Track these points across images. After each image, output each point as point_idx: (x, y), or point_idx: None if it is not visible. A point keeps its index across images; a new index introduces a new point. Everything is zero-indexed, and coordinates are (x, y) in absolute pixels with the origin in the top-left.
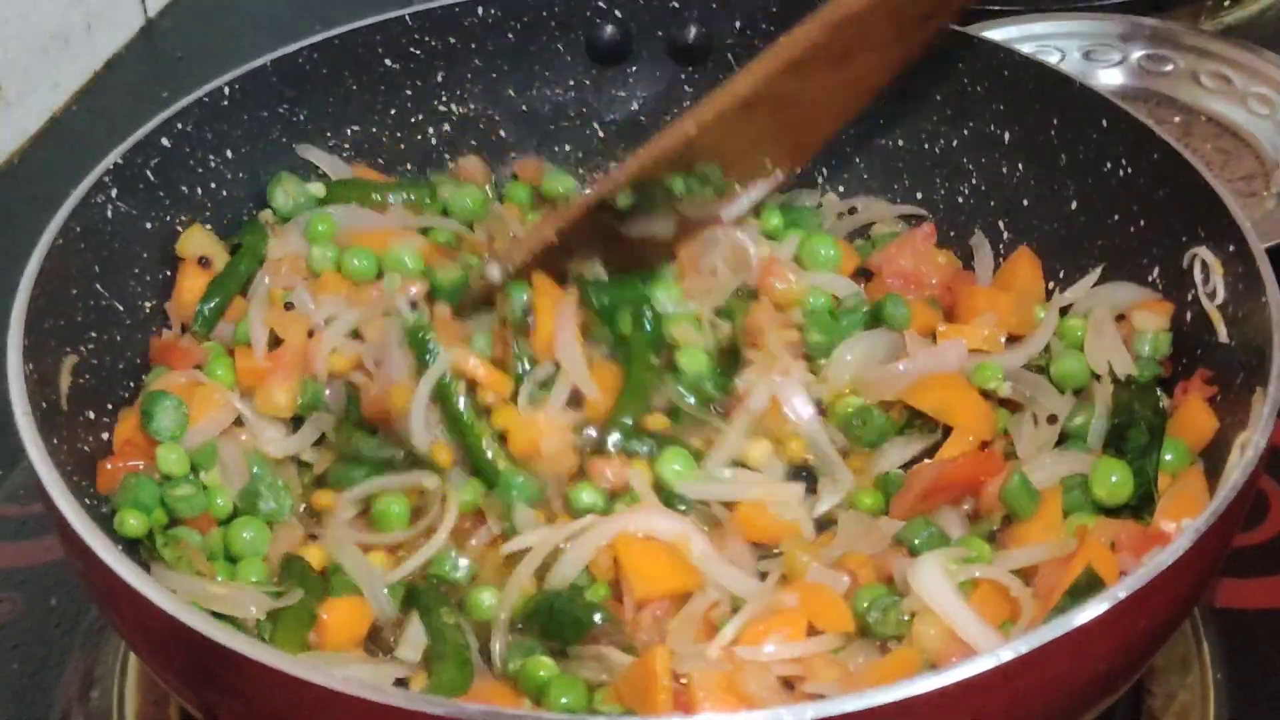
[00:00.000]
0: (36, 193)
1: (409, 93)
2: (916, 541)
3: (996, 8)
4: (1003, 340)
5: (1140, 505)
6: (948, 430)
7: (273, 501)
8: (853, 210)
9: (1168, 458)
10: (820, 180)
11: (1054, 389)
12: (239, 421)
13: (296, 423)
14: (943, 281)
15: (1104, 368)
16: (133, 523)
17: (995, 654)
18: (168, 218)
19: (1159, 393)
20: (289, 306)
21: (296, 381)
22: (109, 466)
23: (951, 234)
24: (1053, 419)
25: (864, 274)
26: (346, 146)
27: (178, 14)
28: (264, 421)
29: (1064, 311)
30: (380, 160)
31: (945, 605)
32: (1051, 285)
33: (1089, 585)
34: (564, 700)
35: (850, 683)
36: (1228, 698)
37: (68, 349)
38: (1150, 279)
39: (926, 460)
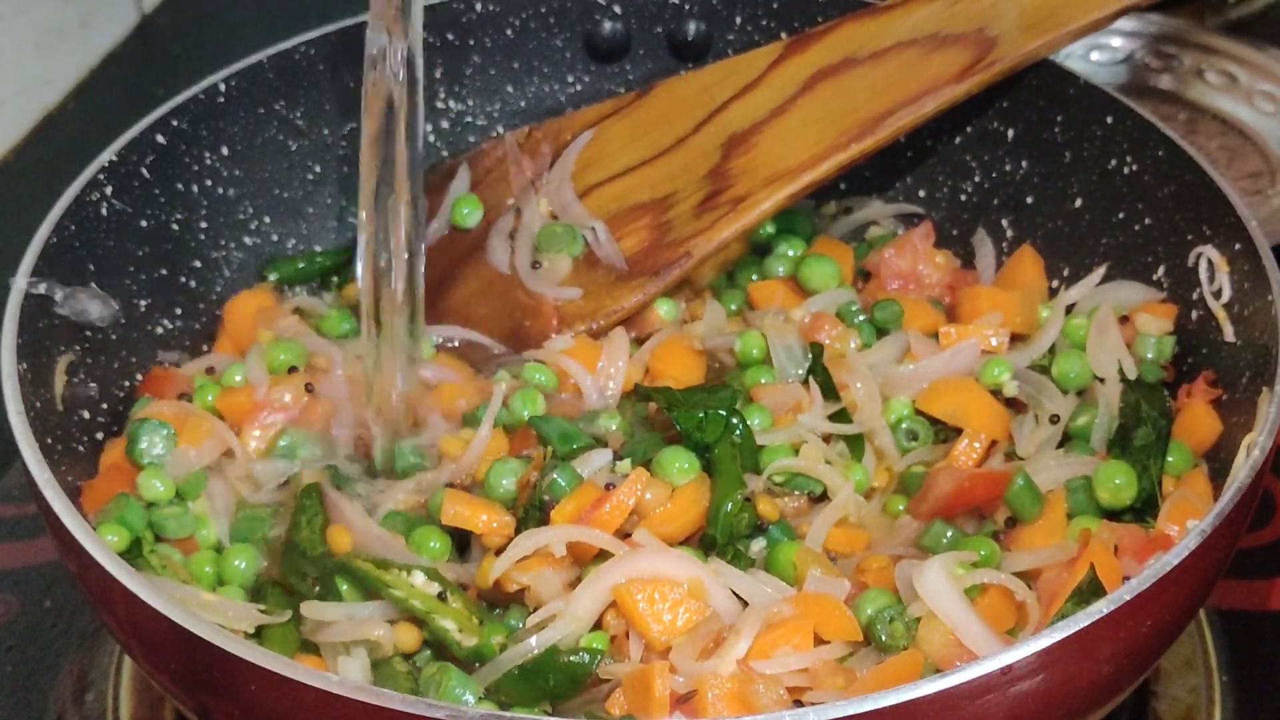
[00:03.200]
0: (31, 190)
1: None
2: (935, 547)
3: None
4: (1007, 340)
5: (1144, 508)
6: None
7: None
8: (848, 210)
9: (1171, 460)
10: None
11: (1056, 389)
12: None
13: None
14: (943, 282)
15: (1105, 369)
16: (112, 539)
17: (998, 657)
18: (163, 216)
19: (1165, 393)
20: (292, 370)
21: (278, 430)
22: (94, 489)
23: (954, 233)
24: (1055, 419)
25: (863, 274)
26: (344, 144)
27: (173, 10)
28: (254, 459)
29: (1068, 310)
30: None
31: (949, 610)
32: (1055, 284)
33: (1093, 589)
34: None
35: (853, 689)
36: (1234, 700)
37: (61, 348)
38: (1155, 278)
39: (941, 462)
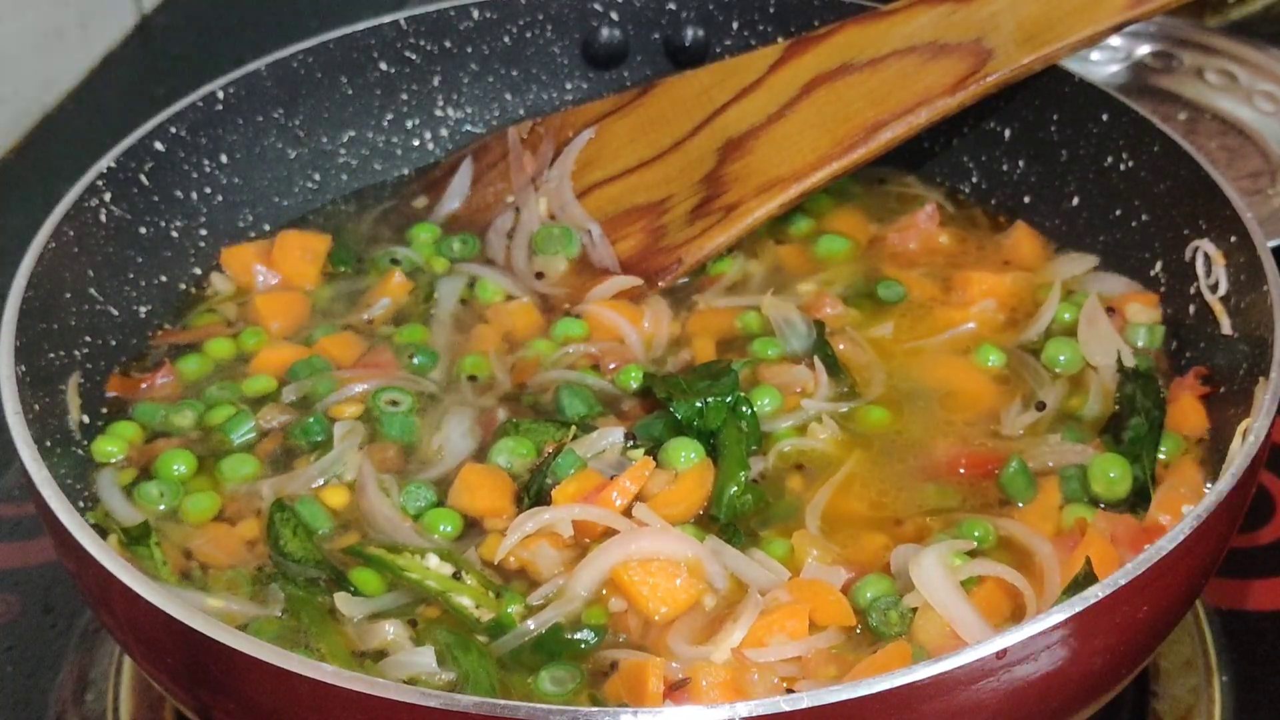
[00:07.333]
0: (31, 190)
1: (405, 97)
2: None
3: None
4: (1000, 323)
5: (1135, 499)
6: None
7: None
8: (880, 180)
9: (1162, 451)
10: None
11: (1045, 372)
12: None
13: None
14: (946, 261)
15: (1097, 358)
16: (110, 448)
17: (994, 641)
18: (162, 223)
19: (1159, 384)
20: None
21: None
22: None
23: None
24: (1041, 406)
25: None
26: (343, 152)
27: (173, 11)
28: None
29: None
30: (376, 166)
31: (944, 601)
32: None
33: (1088, 580)
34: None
35: (846, 678)
36: (1234, 700)
37: (64, 353)
38: (1153, 274)
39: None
